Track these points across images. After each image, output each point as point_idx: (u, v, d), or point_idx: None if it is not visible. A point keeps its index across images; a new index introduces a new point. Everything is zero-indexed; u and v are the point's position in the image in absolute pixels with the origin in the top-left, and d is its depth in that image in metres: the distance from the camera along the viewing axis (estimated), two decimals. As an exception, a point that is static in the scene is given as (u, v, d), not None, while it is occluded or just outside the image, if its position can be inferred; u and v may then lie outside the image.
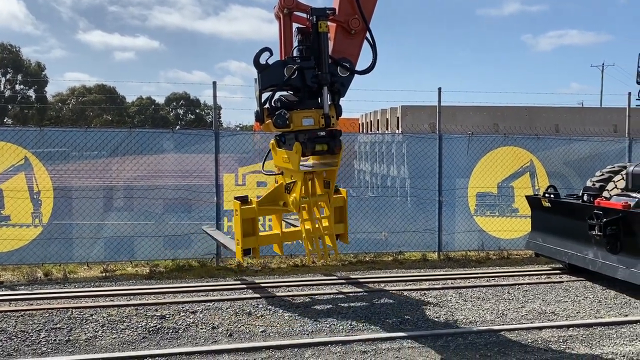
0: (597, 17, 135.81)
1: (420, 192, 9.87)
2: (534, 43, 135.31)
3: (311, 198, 6.08)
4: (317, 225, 6.10)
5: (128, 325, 6.01)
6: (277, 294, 7.17)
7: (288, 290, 7.41)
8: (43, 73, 56.84)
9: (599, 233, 7.20)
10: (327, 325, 6.03)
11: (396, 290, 7.47)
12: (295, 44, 6.15)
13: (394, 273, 8.59)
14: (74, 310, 6.48)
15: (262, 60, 5.82)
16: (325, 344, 5.47)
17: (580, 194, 8.10)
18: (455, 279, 8.18)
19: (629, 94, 10.39)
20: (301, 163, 6.12)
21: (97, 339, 5.64)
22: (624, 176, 8.14)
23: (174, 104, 68.78)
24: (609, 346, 5.44)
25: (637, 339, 5.64)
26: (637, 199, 7.43)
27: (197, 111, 67.79)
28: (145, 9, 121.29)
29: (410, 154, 10.09)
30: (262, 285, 7.70)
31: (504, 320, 6.26)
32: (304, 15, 6.11)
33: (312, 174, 6.13)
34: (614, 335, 5.74)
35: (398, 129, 22.03)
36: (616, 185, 8.36)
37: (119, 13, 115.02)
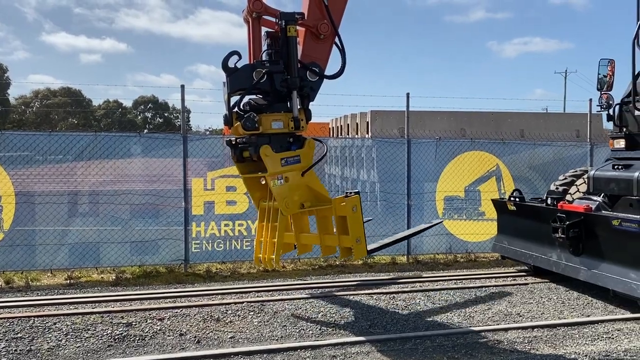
0: (559, 25, 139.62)
1: (389, 196, 9.95)
2: (499, 50, 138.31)
3: (268, 203, 6.06)
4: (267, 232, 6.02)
5: (93, 334, 5.87)
6: (246, 300, 7.11)
7: (257, 296, 7.36)
8: (5, 75, 55.31)
9: (562, 236, 7.36)
10: (297, 330, 6.01)
11: (366, 293, 7.51)
12: (264, 47, 6.14)
13: (364, 277, 8.63)
14: (36, 318, 6.30)
15: (231, 64, 5.80)
16: (294, 349, 5.45)
17: (544, 198, 8.28)
18: (423, 282, 8.27)
19: (590, 100, 10.71)
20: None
21: (60, 348, 5.49)
22: (586, 180, 8.36)
23: (142, 107, 67.72)
24: (572, 346, 5.57)
25: (598, 338, 5.79)
26: (598, 202, 7.65)
27: (166, 115, 66.92)
28: (113, 12, 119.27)
29: (380, 158, 10.16)
30: (231, 291, 7.63)
31: (471, 322, 6.35)
32: (273, 19, 6.11)
33: (265, 180, 6.07)
34: (577, 336, 5.88)
35: (368, 133, 22.20)
36: (578, 189, 8.58)
37: (85, 15, 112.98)
